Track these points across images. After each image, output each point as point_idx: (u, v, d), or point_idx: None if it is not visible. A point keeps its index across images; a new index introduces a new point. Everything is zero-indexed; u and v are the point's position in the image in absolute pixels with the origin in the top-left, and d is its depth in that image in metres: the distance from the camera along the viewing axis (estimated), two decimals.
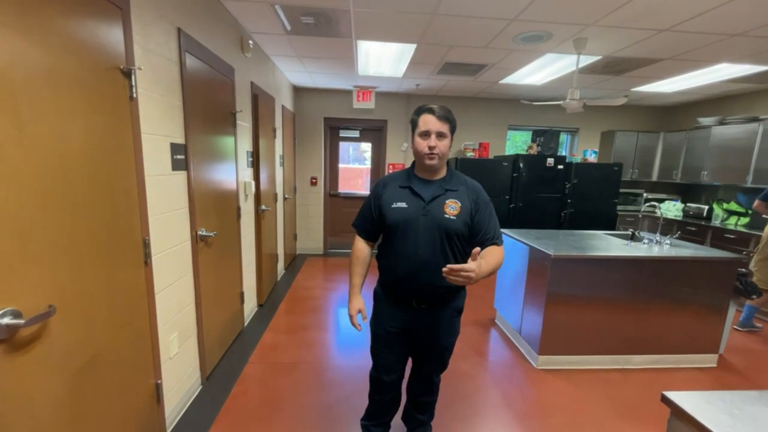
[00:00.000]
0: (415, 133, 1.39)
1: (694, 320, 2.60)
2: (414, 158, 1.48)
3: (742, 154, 4.17)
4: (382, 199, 1.45)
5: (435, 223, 1.38)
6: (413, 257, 1.39)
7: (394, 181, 1.48)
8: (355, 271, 1.55)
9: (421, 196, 1.40)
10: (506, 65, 3.67)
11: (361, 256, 1.54)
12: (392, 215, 1.41)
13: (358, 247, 1.55)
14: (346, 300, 1.60)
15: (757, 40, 2.74)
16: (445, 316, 1.50)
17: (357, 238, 1.56)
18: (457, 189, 1.43)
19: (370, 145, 5.63)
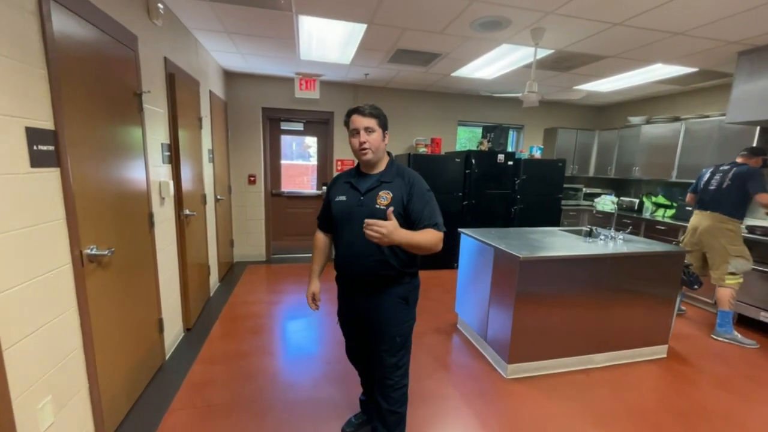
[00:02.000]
0: (352, 132, 1.49)
1: (647, 314, 2.63)
2: None
3: (668, 151, 4.50)
4: (330, 193, 1.60)
5: (368, 213, 1.42)
6: (351, 246, 1.50)
7: (342, 177, 1.61)
8: (314, 259, 1.73)
9: (358, 189, 1.51)
10: (460, 55, 3.48)
11: (319, 244, 1.72)
12: (335, 208, 1.55)
13: (317, 237, 1.73)
14: (295, 314, 1.72)
15: (693, 40, 2.86)
16: (389, 302, 1.53)
17: (318, 231, 1.73)
18: (392, 181, 1.51)
19: (316, 140, 5.17)
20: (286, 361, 2.52)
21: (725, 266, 2.98)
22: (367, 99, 4.97)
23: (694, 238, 3.18)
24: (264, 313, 3.30)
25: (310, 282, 1.71)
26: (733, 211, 2.94)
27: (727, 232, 2.97)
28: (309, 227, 5.28)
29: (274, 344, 2.76)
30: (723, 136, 3.89)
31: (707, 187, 3.11)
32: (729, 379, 2.48)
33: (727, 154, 3.74)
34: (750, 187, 2.84)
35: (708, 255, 3.11)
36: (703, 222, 3.09)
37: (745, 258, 2.94)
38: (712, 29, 2.64)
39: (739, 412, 2.14)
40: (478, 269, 2.75)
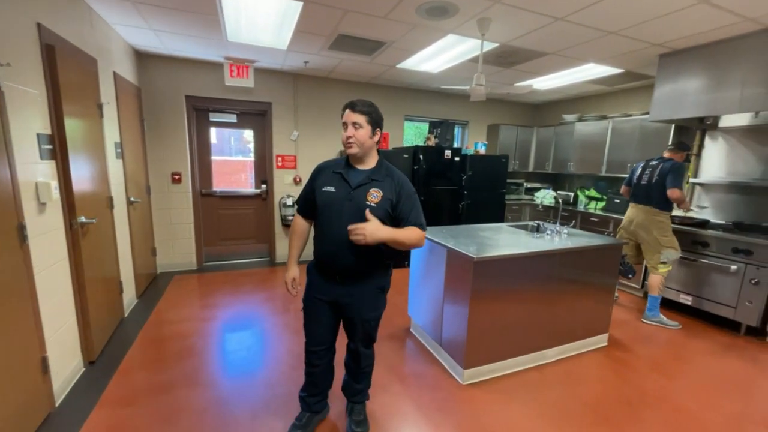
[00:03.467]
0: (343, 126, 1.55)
1: (591, 304, 2.71)
2: None
3: (597, 147, 4.80)
4: (316, 182, 1.61)
5: (357, 208, 1.52)
6: (337, 237, 1.53)
7: (330, 167, 1.62)
8: (293, 244, 1.73)
9: (349, 182, 1.56)
10: (406, 45, 3.31)
11: (298, 230, 1.73)
12: (321, 197, 1.58)
13: (296, 222, 1.73)
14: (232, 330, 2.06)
15: (623, 40, 2.98)
16: (368, 291, 1.65)
17: (298, 217, 1.72)
18: (383, 180, 1.59)
19: (252, 133, 4.69)
20: (220, 391, 2.15)
21: (658, 256, 3.19)
22: (308, 89, 4.62)
23: (629, 230, 3.37)
24: (193, 333, 2.85)
25: (289, 267, 1.72)
26: (663, 204, 3.16)
27: (658, 224, 3.18)
28: (247, 230, 4.80)
29: (206, 370, 2.36)
30: (644, 134, 4.22)
31: (639, 181, 3.31)
32: (661, 362, 2.63)
33: (649, 150, 4.07)
34: (668, 181, 3.06)
35: (642, 246, 3.32)
36: (638, 215, 3.29)
37: (674, 248, 3.17)
38: (639, 30, 2.77)
39: (673, 393, 2.26)
40: (431, 270, 2.61)
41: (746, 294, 3.03)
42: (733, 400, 2.21)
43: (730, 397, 2.24)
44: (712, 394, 2.26)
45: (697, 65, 3.10)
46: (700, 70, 3.09)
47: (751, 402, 2.21)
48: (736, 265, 3.08)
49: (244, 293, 3.72)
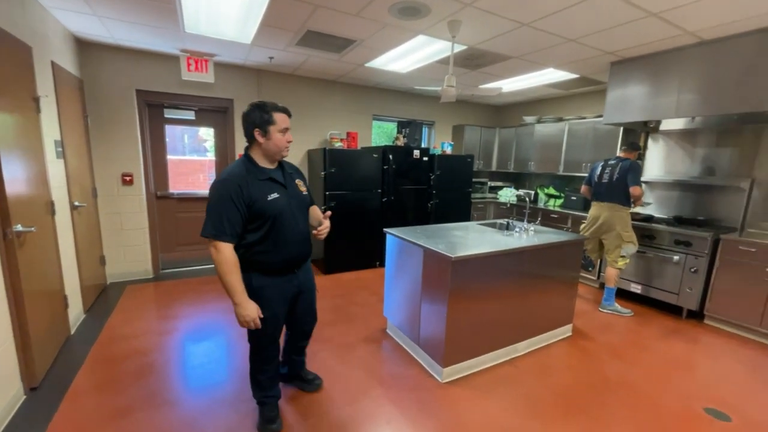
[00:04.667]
0: (274, 130, 1.58)
1: (558, 297, 2.86)
2: (258, 151, 1.62)
3: (555, 147, 5.08)
4: (253, 195, 1.53)
5: (300, 201, 1.71)
6: (298, 235, 1.68)
7: (246, 177, 1.55)
8: (237, 278, 1.55)
9: (281, 183, 1.64)
10: (376, 44, 3.29)
11: (236, 262, 1.55)
12: (272, 207, 1.57)
13: (229, 254, 1.52)
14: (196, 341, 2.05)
15: (580, 48, 3.17)
16: (308, 266, 1.87)
17: (225, 246, 1.50)
18: (292, 171, 1.79)
19: (213, 131, 4.43)
20: (186, 410, 2.00)
21: (618, 250, 3.43)
22: (273, 86, 4.45)
23: (594, 227, 3.58)
24: (152, 347, 2.63)
25: (246, 304, 1.56)
26: (625, 201, 3.39)
27: (621, 219, 3.41)
28: None
29: (169, 389, 2.18)
30: (597, 135, 4.52)
31: (601, 180, 3.53)
32: (619, 348, 2.84)
33: (601, 150, 4.37)
34: (629, 179, 3.30)
35: (605, 241, 3.54)
36: (603, 212, 3.49)
37: (633, 243, 3.42)
38: (595, 39, 2.95)
39: (631, 377, 2.44)
40: (407, 270, 2.61)
41: (687, 281, 3.36)
42: (680, 379, 2.43)
43: (678, 377, 2.46)
44: (663, 375, 2.47)
45: (643, 73, 3.37)
46: (644, 77, 3.36)
47: (695, 380, 2.44)
48: (678, 256, 3.40)
49: (207, 301, 3.50)
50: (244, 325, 1.56)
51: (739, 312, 3.09)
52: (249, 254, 1.59)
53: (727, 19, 2.50)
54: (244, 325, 1.57)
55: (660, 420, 2.03)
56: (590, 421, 2.00)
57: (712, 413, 2.09)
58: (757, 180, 3.40)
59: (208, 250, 1.52)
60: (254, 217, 1.54)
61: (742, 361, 2.71)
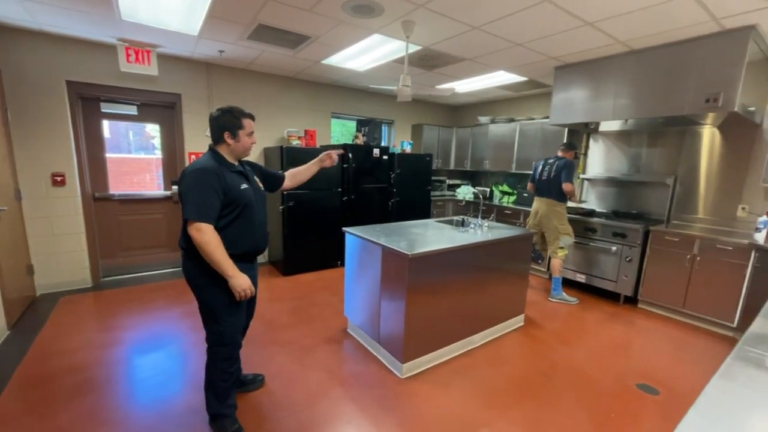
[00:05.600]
0: (243, 134, 1.74)
1: (510, 289, 3.00)
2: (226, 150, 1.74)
3: (508, 147, 5.33)
4: (229, 184, 1.65)
5: (262, 196, 1.89)
6: (262, 225, 1.85)
7: (220, 168, 1.66)
8: (225, 253, 1.61)
9: (247, 177, 1.80)
10: (331, 41, 3.25)
11: (220, 240, 1.61)
12: (243, 195, 1.71)
13: (213, 233, 1.59)
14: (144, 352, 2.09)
15: (527, 52, 3.35)
16: (256, 263, 1.98)
17: (208, 227, 1.58)
18: (249, 168, 1.91)
19: (159, 128, 4.14)
20: (132, 428, 1.86)
21: (557, 242, 3.67)
22: (225, 81, 4.25)
23: (536, 221, 3.81)
24: (91, 363, 2.41)
25: (238, 274, 1.63)
26: (560, 197, 3.63)
27: (557, 214, 3.66)
28: (157, 237, 4.24)
29: (112, 406, 2.02)
30: (545, 135, 4.81)
31: (541, 177, 3.76)
32: (565, 334, 3.05)
33: (549, 150, 4.65)
34: (561, 176, 3.54)
35: (545, 234, 3.78)
36: (541, 207, 3.73)
37: (569, 234, 3.68)
38: (539, 44, 3.13)
39: (576, 360, 2.63)
40: (366, 269, 2.62)
41: (623, 270, 3.67)
42: (616, 359, 2.66)
43: (615, 357, 2.69)
44: (603, 357, 2.69)
45: (583, 78, 3.63)
46: (585, 82, 3.62)
47: (629, 359, 2.68)
48: (615, 246, 3.71)
49: (156, 309, 3.28)
50: (241, 295, 1.64)
51: (666, 296, 3.44)
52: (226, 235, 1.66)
53: (651, 31, 2.75)
54: (242, 295, 1.64)
55: (599, 397, 2.21)
56: (540, 405, 2.13)
57: (642, 388, 2.31)
58: (679, 177, 3.80)
59: (190, 233, 1.55)
60: (227, 204, 1.64)
61: (669, 339, 3.01)
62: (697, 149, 3.66)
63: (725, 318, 3.09)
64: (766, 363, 1.03)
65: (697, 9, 2.37)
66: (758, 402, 0.87)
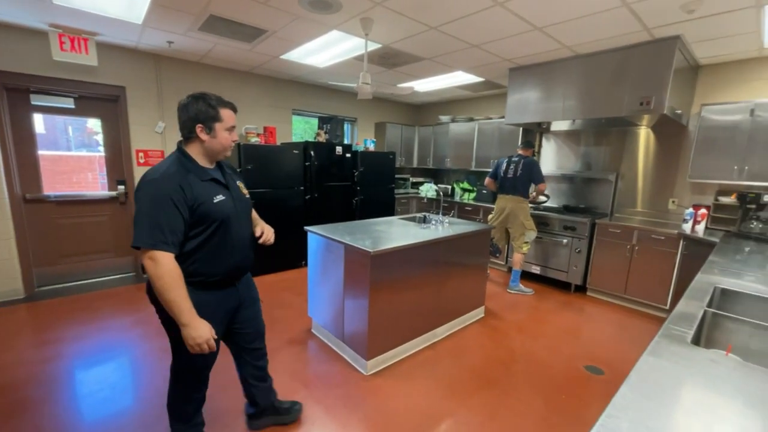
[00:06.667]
0: (220, 128, 1.41)
1: (470, 282, 3.11)
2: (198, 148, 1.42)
3: (468, 145, 5.50)
4: (196, 198, 1.34)
5: (245, 205, 1.55)
6: (245, 242, 1.52)
7: (187, 177, 1.34)
8: (183, 294, 1.29)
9: (225, 184, 1.46)
10: (289, 36, 3.17)
11: (180, 274, 1.29)
12: (218, 211, 1.39)
13: (172, 266, 1.27)
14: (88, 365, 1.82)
15: (482, 53, 3.47)
16: (248, 278, 1.67)
17: (165, 257, 1.26)
18: (231, 171, 1.58)
19: (101, 123, 3.83)
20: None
21: (523, 237, 3.85)
22: (175, 74, 4.01)
23: (501, 217, 3.95)
24: (25, 381, 2.19)
25: (198, 324, 1.30)
26: (525, 193, 3.82)
27: (523, 210, 3.83)
28: (102, 241, 3.93)
29: (50, 426, 1.84)
30: (502, 134, 5.01)
31: (506, 175, 3.90)
32: (522, 323, 3.21)
33: (506, 148, 4.85)
34: (534, 177, 3.73)
35: (511, 229, 3.94)
36: (509, 204, 3.87)
37: (534, 230, 3.87)
38: (493, 46, 3.26)
39: (532, 348, 2.79)
40: (329, 268, 2.59)
41: (573, 261, 3.93)
42: (567, 344, 2.85)
43: (567, 342, 2.88)
44: (556, 343, 2.87)
45: (535, 80, 3.82)
46: (537, 83, 3.82)
47: (578, 343, 2.88)
48: (566, 239, 3.96)
49: (102, 319, 3.04)
50: (195, 349, 1.30)
51: (610, 283, 3.73)
52: (184, 265, 1.33)
53: (592, 37, 2.96)
54: (196, 350, 1.31)
55: (552, 381, 2.35)
56: (500, 392, 2.23)
57: (590, 369, 2.49)
58: (621, 173, 4.12)
59: (143, 262, 1.25)
60: (196, 222, 1.33)
61: (613, 323, 3.27)
62: (635, 148, 4.00)
63: (659, 301, 3.41)
64: (687, 339, 1.15)
65: (632, 19, 2.58)
66: (680, 374, 0.96)
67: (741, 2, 2.26)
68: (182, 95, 1.44)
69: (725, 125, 3.18)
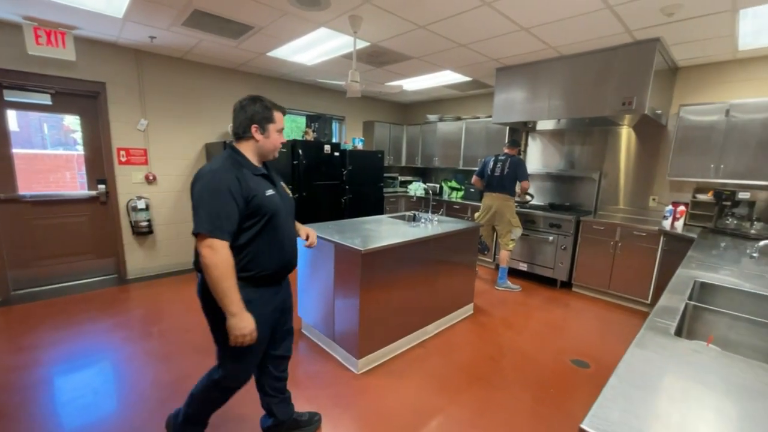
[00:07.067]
0: (273, 129, 1.47)
1: (460, 280, 3.14)
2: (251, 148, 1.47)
3: (455, 144, 5.55)
4: (252, 189, 1.38)
5: (290, 203, 1.60)
6: (292, 239, 1.57)
7: (240, 170, 1.39)
8: (235, 284, 1.32)
9: (274, 182, 1.52)
10: (276, 32, 3.13)
11: (233, 264, 1.33)
12: (270, 203, 1.43)
13: (227, 255, 1.31)
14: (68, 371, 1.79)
15: (470, 53, 3.50)
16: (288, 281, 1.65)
17: (222, 245, 1.30)
18: (273, 171, 1.58)
19: (79, 120, 3.70)
20: None
21: (509, 234, 3.90)
22: (158, 70, 3.91)
23: (488, 215, 3.99)
24: (2, 387, 2.10)
25: (244, 314, 1.33)
26: (512, 191, 3.87)
27: (510, 208, 3.88)
28: (82, 243, 3.81)
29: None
30: (489, 133, 5.07)
31: (493, 173, 3.95)
32: (510, 319, 3.26)
33: (493, 147, 4.91)
34: (519, 175, 3.78)
35: (498, 227, 3.99)
36: (495, 202, 3.92)
37: (520, 227, 3.93)
38: (481, 46, 3.29)
39: (520, 343, 2.83)
40: (319, 267, 2.57)
41: (559, 257, 4.01)
42: (554, 339, 2.90)
43: (553, 337, 2.93)
44: (543, 338, 2.92)
45: (522, 80, 3.88)
46: (523, 83, 3.88)
47: (565, 338, 2.94)
48: (552, 236, 4.04)
49: (82, 323, 2.94)
50: (238, 341, 1.33)
51: (595, 279, 3.82)
52: (237, 258, 1.35)
53: (577, 39, 3.02)
54: (239, 341, 1.33)
55: (540, 375, 2.39)
56: (489, 387, 2.26)
57: (576, 363, 2.55)
58: (604, 172, 4.22)
59: (200, 250, 1.28)
60: (251, 214, 1.37)
61: (597, 318, 3.36)
62: (617, 147, 4.10)
63: (641, 295, 3.52)
64: (671, 331, 1.19)
65: (614, 21, 2.64)
66: (665, 364, 1.00)
67: (717, 6, 2.34)
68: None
69: (702, 125, 3.30)
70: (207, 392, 1.54)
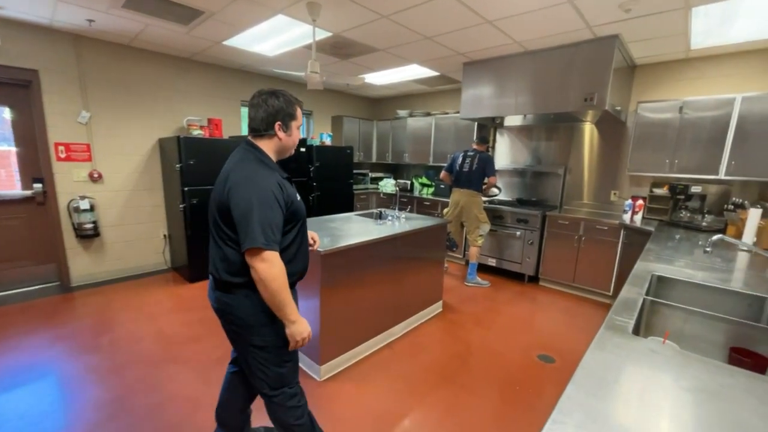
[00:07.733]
0: (294, 126, 1.37)
1: (427, 277, 3.08)
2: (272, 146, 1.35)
3: (425, 140, 5.50)
4: (290, 195, 1.31)
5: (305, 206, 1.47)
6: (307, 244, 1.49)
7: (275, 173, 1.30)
8: (290, 292, 1.27)
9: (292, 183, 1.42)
10: (230, 19, 2.92)
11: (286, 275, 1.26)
12: (302, 208, 1.39)
13: (282, 265, 1.23)
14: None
15: (436, 46, 3.43)
16: None
17: (276, 256, 1.22)
18: None
19: (9, 112, 3.32)
20: None
21: (477, 230, 3.89)
22: (102, 59, 3.58)
23: (456, 211, 3.97)
24: None
25: (302, 319, 1.33)
26: (479, 187, 3.86)
27: (477, 204, 3.87)
28: (17, 248, 3.44)
29: None
30: (458, 129, 5.05)
31: (461, 169, 3.92)
32: (479, 316, 3.24)
33: (462, 143, 4.90)
34: (487, 171, 3.77)
35: (465, 223, 3.98)
36: (463, 198, 3.90)
37: (487, 223, 3.93)
38: (446, 39, 3.23)
39: (489, 340, 2.81)
40: None
41: (526, 252, 4.05)
42: (521, 334, 2.91)
43: (521, 332, 2.94)
44: (511, 333, 2.92)
45: (489, 75, 3.86)
46: (491, 79, 3.86)
47: (531, 332, 2.96)
48: (520, 231, 4.07)
49: (15, 336, 2.64)
50: (299, 344, 1.33)
51: (560, 273, 3.88)
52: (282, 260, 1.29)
53: (540, 34, 3.02)
54: (299, 345, 1.33)
55: (507, 373, 2.38)
56: (456, 387, 2.21)
57: (542, 358, 2.56)
58: (569, 167, 4.30)
59: (253, 265, 1.19)
60: (287, 220, 1.30)
61: (563, 311, 3.41)
62: (581, 143, 4.19)
63: (603, 288, 3.61)
64: (629, 329, 1.16)
65: (575, 16, 2.64)
66: (622, 366, 0.95)
67: (671, 4, 2.39)
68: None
69: (658, 122, 3.40)
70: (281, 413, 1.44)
